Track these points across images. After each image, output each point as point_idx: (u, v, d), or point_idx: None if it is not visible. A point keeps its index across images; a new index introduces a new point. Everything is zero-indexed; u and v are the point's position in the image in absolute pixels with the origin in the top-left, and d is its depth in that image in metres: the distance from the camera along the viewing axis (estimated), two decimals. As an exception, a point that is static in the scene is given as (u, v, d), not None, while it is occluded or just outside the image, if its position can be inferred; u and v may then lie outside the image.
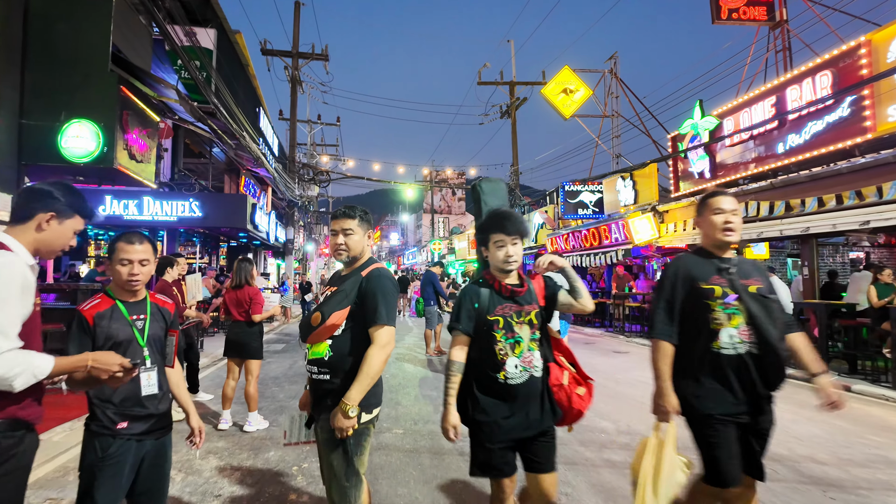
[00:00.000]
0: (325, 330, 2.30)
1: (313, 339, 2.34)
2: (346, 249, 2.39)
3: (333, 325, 2.29)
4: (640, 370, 8.08)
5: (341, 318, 2.31)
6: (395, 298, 2.40)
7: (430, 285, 9.25)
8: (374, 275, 2.36)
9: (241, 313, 5.15)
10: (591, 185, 16.19)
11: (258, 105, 19.59)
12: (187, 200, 12.15)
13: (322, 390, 2.33)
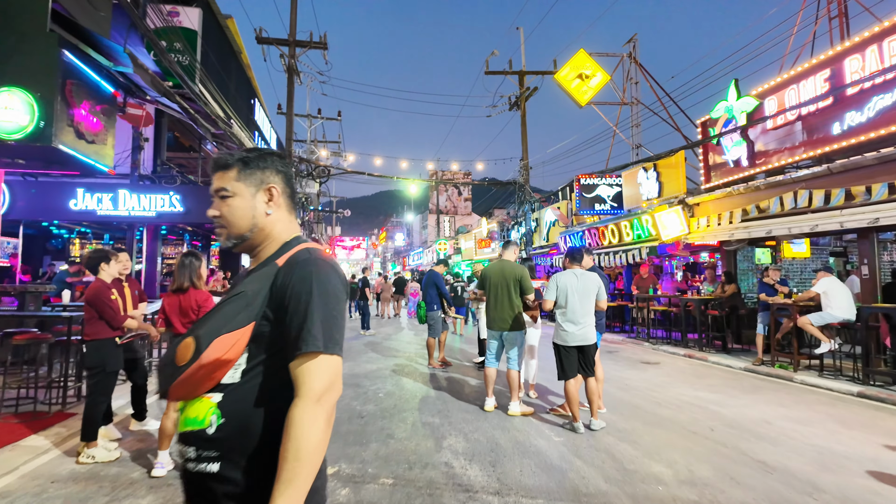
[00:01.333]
0: (203, 373, 1.16)
1: (182, 393, 1.20)
2: (224, 226, 1.34)
3: (219, 361, 1.16)
4: (680, 386, 6.86)
5: (234, 349, 1.17)
6: (342, 304, 1.24)
7: (433, 287, 8.09)
8: (298, 261, 1.24)
9: (184, 324, 4.02)
10: (609, 177, 14.95)
11: (253, 97, 18.54)
12: (167, 194, 11.08)
13: (207, 497, 1.18)
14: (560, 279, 4.93)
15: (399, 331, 14.17)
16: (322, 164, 19.96)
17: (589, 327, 4.89)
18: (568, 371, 4.84)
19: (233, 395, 1.17)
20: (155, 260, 12.17)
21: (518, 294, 5.37)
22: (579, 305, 4.85)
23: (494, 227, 25.48)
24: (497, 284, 5.39)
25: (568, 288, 4.88)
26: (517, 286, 5.36)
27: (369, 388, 6.57)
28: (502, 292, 5.34)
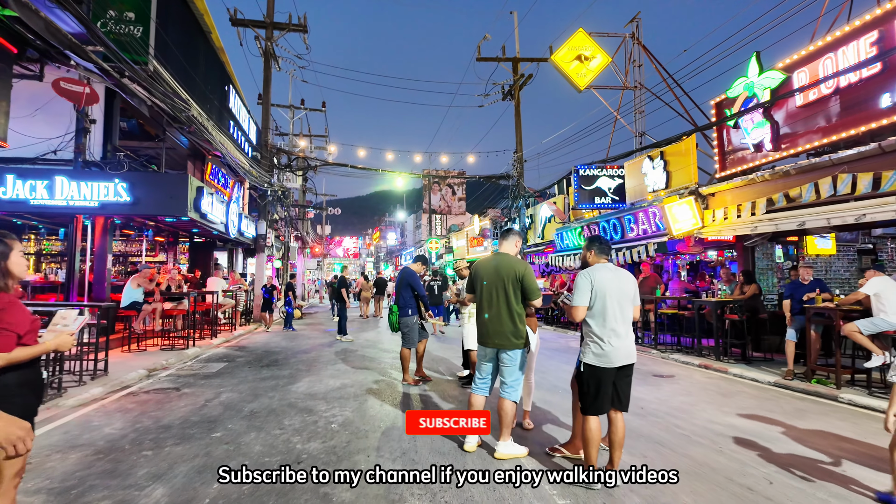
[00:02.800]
0: None
1: None
2: None
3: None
4: (706, 408, 5.59)
5: None
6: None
7: (407, 289, 6.78)
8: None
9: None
10: (610, 168, 13.71)
11: (227, 83, 17.16)
12: (111, 182, 9.72)
13: None
14: (595, 277, 3.61)
15: (380, 336, 12.85)
16: (300, 155, 18.60)
17: (631, 340, 3.61)
18: (602, 403, 3.54)
19: None
20: (104, 257, 10.77)
21: (519, 299, 4.03)
22: (619, 311, 3.56)
23: (487, 224, 24.21)
24: (491, 286, 4.07)
25: (606, 289, 3.57)
26: (518, 288, 4.03)
27: (323, 415, 5.26)
28: (498, 296, 4.02)
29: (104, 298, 10.42)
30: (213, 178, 16.55)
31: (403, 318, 6.73)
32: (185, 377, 7.36)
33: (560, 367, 8.17)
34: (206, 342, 10.94)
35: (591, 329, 3.60)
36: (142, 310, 9.66)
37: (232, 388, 6.60)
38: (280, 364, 8.47)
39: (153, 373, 7.75)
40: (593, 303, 3.57)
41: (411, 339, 6.75)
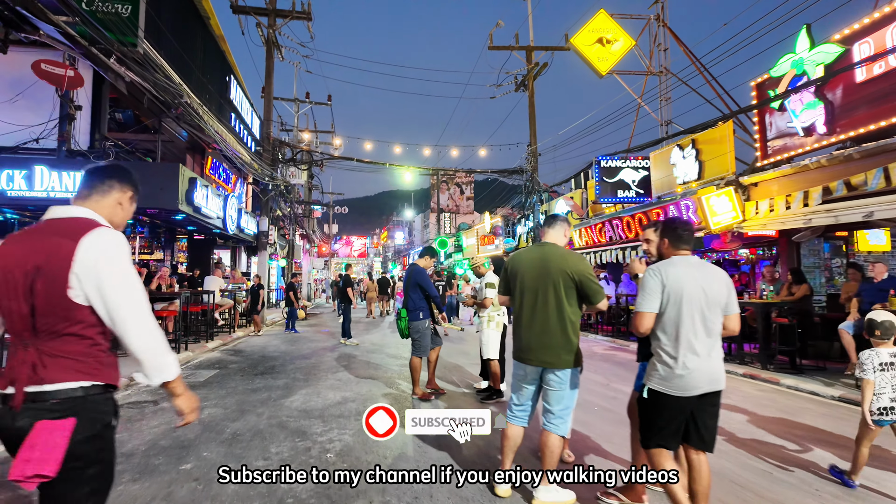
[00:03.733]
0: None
1: None
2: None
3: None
4: (776, 429, 4.65)
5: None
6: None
7: (416, 289, 5.89)
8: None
9: None
10: (635, 159, 12.76)
11: (229, 73, 16.40)
12: (95, 171, 8.92)
13: None
14: (669, 274, 2.65)
15: (386, 339, 11.99)
16: (305, 148, 17.81)
17: (718, 360, 2.67)
18: (668, 437, 2.65)
19: None
20: (91, 254, 10.00)
21: (574, 302, 3.08)
22: (701, 321, 2.62)
23: (498, 221, 23.28)
24: (535, 286, 3.11)
25: (684, 290, 2.62)
26: (572, 288, 3.06)
27: (318, 440, 4.40)
28: (545, 299, 3.06)
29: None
30: (214, 173, 15.82)
31: (413, 323, 5.86)
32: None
33: (590, 379, 7.26)
34: (200, 346, 10.15)
35: (660, 343, 2.67)
36: (128, 311, 8.86)
37: (217, 401, 5.76)
38: (276, 372, 7.64)
39: (132, 382, 6.94)
40: (664, 308, 2.65)
41: (422, 346, 5.87)
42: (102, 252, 1.56)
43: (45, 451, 1.46)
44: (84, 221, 1.62)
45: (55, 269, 1.53)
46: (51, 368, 1.55)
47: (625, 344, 11.26)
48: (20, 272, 1.54)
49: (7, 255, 1.58)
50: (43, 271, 1.53)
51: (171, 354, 1.70)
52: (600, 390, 6.49)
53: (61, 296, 1.54)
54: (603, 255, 12.54)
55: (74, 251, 1.53)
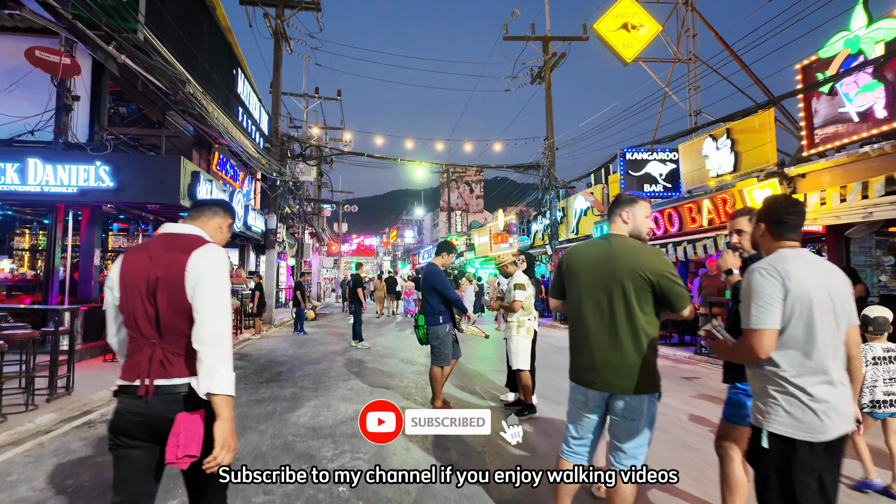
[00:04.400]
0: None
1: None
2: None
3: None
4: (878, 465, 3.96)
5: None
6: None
7: (432, 292, 5.24)
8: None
9: None
10: (661, 152, 12.03)
11: (236, 67, 15.89)
12: (92, 164, 8.43)
13: None
14: (791, 274, 1.94)
15: (400, 341, 11.39)
16: (314, 144, 17.26)
17: (849, 389, 1.98)
18: (814, 499, 1.92)
19: None
20: (91, 252, 9.54)
21: (651, 310, 2.39)
22: (832, 338, 1.94)
23: (512, 219, 22.59)
24: (599, 289, 2.45)
25: (812, 297, 1.92)
26: (649, 293, 2.38)
27: (328, 466, 3.80)
28: (612, 306, 2.41)
29: (91, 299, 9.19)
30: (221, 169, 15.32)
31: (433, 329, 5.22)
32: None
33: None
34: (203, 349, 9.62)
35: (779, 370, 1.95)
36: (127, 312, 8.35)
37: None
38: (283, 379, 7.05)
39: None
40: (788, 322, 1.96)
41: (443, 354, 5.23)
42: (207, 262, 1.81)
43: (189, 436, 1.70)
44: (195, 238, 1.90)
45: (174, 278, 1.77)
46: (176, 365, 1.79)
47: (668, 352, 10.53)
48: (144, 282, 1.79)
49: (131, 267, 1.83)
50: (163, 280, 1.77)
51: (230, 370, 1.74)
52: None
53: (180, 299, 1.77)
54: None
55: (187, 261, 1.78)
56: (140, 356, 1.79)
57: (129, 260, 1.86)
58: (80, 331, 8.72)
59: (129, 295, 1.81)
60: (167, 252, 1.82)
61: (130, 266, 1.84)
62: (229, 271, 1.87)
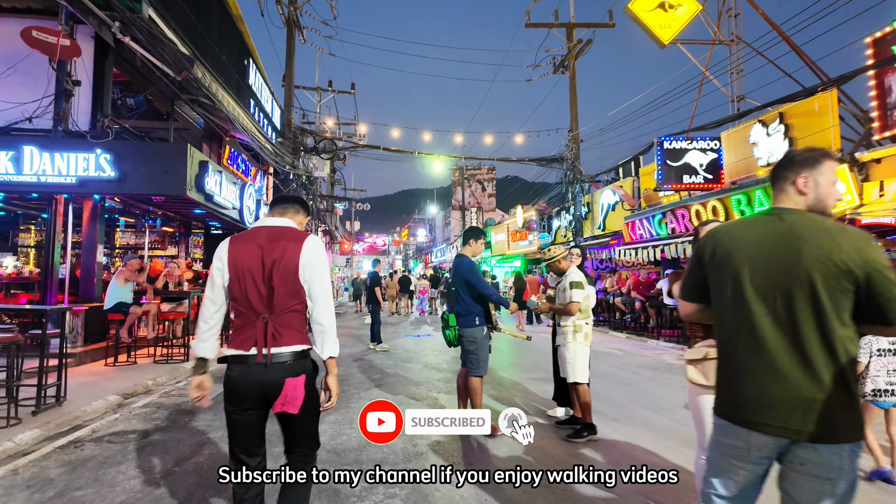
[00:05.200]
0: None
1: None
2: None
3: None
4: None
5: None
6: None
7: (464, 287, 4.46)
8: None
9: None
10: (701, 140, 11.15)
11: (247, 57, 15.28)
12: (92, 153, 7.81)
13: None
14: None
15: (421, 344, 10.65)
16: (328, 136, 16.60)
17: None
18: None
19: None
20: (94, 248, 8.91)
21: (849, 319, 1.59)
22: None
23: (532, 215, 21.74)
24: (770, 285, 1.66)
25: None
26: (849, 294, 1.57)
27: (356, 506, 3.08)
28: (794, 313, 1.62)
29: (93, 298, 8.58)
30: (232, 164, 14.71)
31: (468, 331, 4.46)
32: (167, 409, 5.31)
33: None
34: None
35: None
36: (129, 313, 7.71)
37: (223, 432, 4.48)
38: (297, 388, 6.35)
39: (128, 399, 5.74)
40: None
41: (481, 361, 4.47)
42: (316, 252, 2.18)
43: (293, 398, 2.08)
44: (297, 230, 2.25)
45: (289, 262, 2.10)
46: (285, 336, 2.11)
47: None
48: (258, 266, 2.10)
49: (240, 254, 2.14)
50: (279, 264, 2.09)
51: (336, 339, 2.17)
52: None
53: (294, 279, 2.11)
54: (667, 249, 10.98)
55: (301, 250, 2.14)
56: (253, 329, 2.07)
57: (237, 248, 2.13)
58: (80, 332, 8.14)
59: (242, 278, 2.08)
60: (277, 241, 2.10)
61: (239, 254, 2.11)
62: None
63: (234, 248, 2.16)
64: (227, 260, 2.14)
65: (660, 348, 10.55)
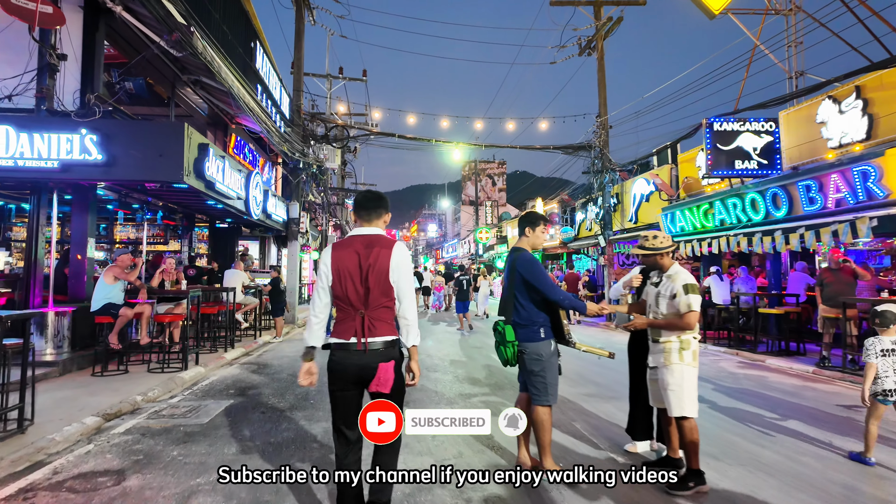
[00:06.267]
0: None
1: None
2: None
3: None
4: None
5: None
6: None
7: (522, 287, 3.46)
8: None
9: None
10: (756, 122, 9.99)
11: (254, 39, 14.29)
12: (77, 133, 6.87)
13: None
14: None
15: (443, 347, 9.65)
16: (339, 123, 15.59)
17: None
18: None
19: None
20: (84, 242, 8.00)
21: None
22: None
23: (554, 208, 20.61)
24: None
25: None
26: None
27: None
28: None
29: (83, 297, 7.67)
30: (239, 153, 13.78)
31: (530, 346, 3.42)
32: (154, 437, 4.35)
33: (780, 426, 4.73)
34: (216, 357, 8.06)
35: None
36: (119, 315, 6.77)
37: (215, 475, 3.49)
38: (311, 406, 5.38)
39: (109, 422, 4.79)
40: None
41: (548, 385, 3.42)
42: (403, 256, 2.55)
43: (385, 379, 2.45)
44: (386, 237, 2.60)
45: (382, 266, 2.48)
46: (378, 328, 2.48)
47: (758, 358, 8.59)
48: (357, 269, 2.48)
49: (343, 259, 2.51)
50: (374, 267, 2.47)
51: (418, 331, 2.56)
52: (814, 449, 3.95)
53: (385, 281, 2.48)
54: (715, 243, 9.88)
55: (391, 255, 2.51)
56: (353, 322, 2.47)
57: (339, 254, 2.53)
58: (67, 336, 7.24)
59: (343, 279, 2.49)
60: (371, 248, 2.51)
61: (341, 259, 2.52)
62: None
63: (336, 254, 2.53)
64: (332, 264, 2.52)
65: (711, 353, 9.47)
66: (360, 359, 2.44)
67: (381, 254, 2.47)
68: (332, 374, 2.50)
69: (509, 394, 5.80)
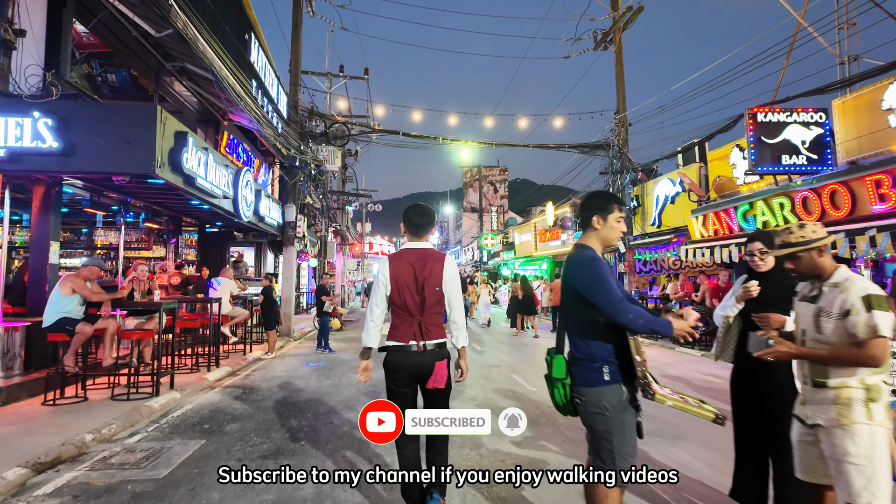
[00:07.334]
0: None
1: None
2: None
3: None
4: None
5: None
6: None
7: (578, 305, 2.35)
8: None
9: None
10: (804, 111, 8.96)
11: (249, 31, 13.29)
12: (28, 116, 5.82)
13: None
14: None
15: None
16: (339, 119, 14.58)
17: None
18: None
19: None
20: (45, 247, 6.93)
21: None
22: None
23: (566, 212, 19.54)
24: None
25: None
26: None
27: None
28: None
29: (43, 310, 6.58)
30: (231, 152, 12.76)
31: (590, 392, 2.29)
32: (90, 499, 3.25)
33: None
34: (197, 377, 6.98)
35: None
36: (76, 332, 5.69)
37: None
38: (300, 450, 4.27)
39: (40, 474, 3.69)
40: None
41: (615, 451, 2.26)
42: (453, 270, 2.92)
43: (441, 376, 2.79)
44: (437, 252, 2.95)
45: (435, 278, 2.84)
46: (432, 332, 2.83)
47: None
48: (413, 281, 2.82)
49: (401, 271, 2.85)
50: (428, 279, 2.81)
51: (466, 333, 2.97)
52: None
53: (438, 292, 2.84)
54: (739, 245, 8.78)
55: (443, 268, 2.87)
56: (411, 327, 2.81)
57: (396, 266, 2.86)
58: (20, 355, 6.18)
59: (401, 289, 2.81)
60: (425, 262, 2.85)
61: (399, 271, 2.84)
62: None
63: (393, 266, 2.88)
64: (390, 275, 2.86)
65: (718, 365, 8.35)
66: (418, 359, 2.78)
67: (435, 267, 2.84)
68: (391, 372, 2.82)
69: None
